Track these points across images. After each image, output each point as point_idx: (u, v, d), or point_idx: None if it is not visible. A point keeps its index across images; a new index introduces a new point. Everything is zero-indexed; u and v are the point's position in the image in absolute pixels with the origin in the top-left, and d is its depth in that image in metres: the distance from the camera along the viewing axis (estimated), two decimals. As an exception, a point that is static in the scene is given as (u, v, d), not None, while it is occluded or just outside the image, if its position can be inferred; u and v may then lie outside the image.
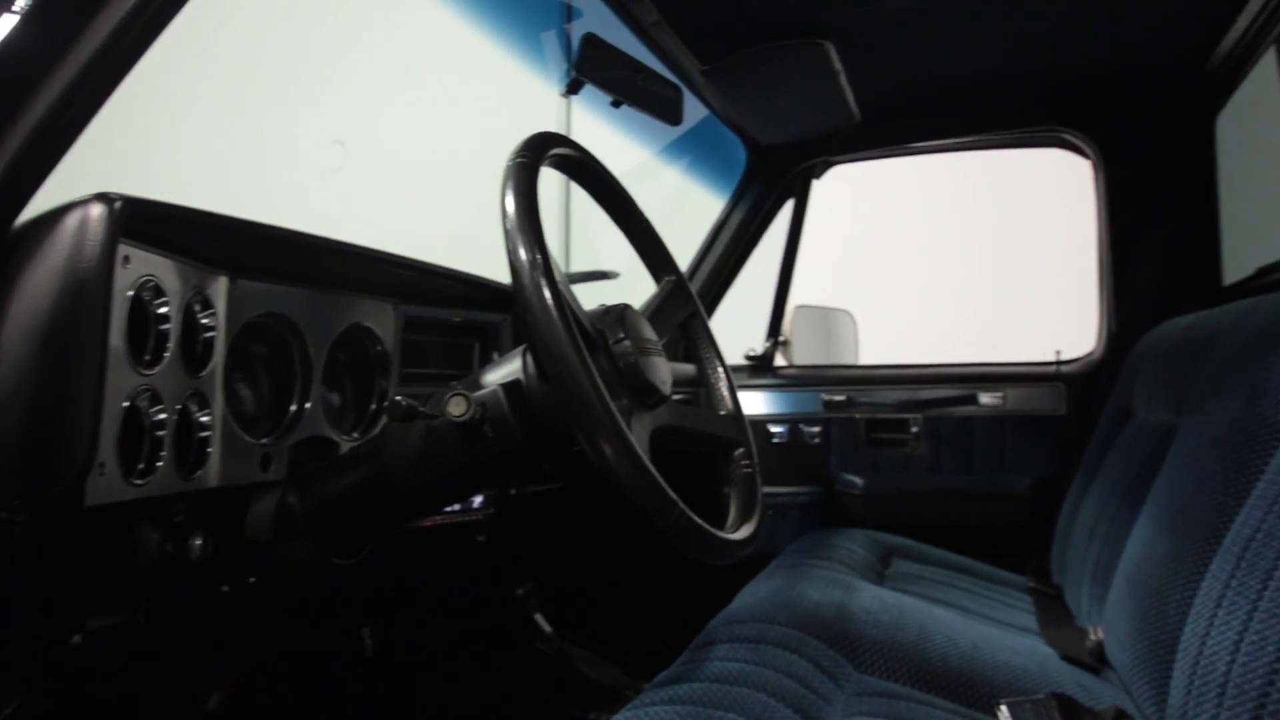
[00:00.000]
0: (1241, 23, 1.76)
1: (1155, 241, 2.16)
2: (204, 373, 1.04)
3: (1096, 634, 1.39)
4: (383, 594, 1.52)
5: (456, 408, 0.98)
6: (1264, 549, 0.88)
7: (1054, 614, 1.64)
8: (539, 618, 1.89)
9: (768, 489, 2.29)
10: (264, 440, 1.14)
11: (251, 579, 1.11)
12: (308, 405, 1.20)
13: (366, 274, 1.29)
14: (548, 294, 0.87)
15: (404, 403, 1.01)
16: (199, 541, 1.04)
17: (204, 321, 1.05)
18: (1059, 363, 2.26)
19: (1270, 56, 1.81)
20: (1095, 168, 2.23)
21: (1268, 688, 0.77)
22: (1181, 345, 1.52)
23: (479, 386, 1.03)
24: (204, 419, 1.05)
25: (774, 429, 2.34)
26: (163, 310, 0.97)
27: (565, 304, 0.89)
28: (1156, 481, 1.31)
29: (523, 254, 0.88)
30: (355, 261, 1.23)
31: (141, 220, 0.90)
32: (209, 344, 1.06)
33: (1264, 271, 1.84)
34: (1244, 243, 2.11)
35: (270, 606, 1.17)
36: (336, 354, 1.28)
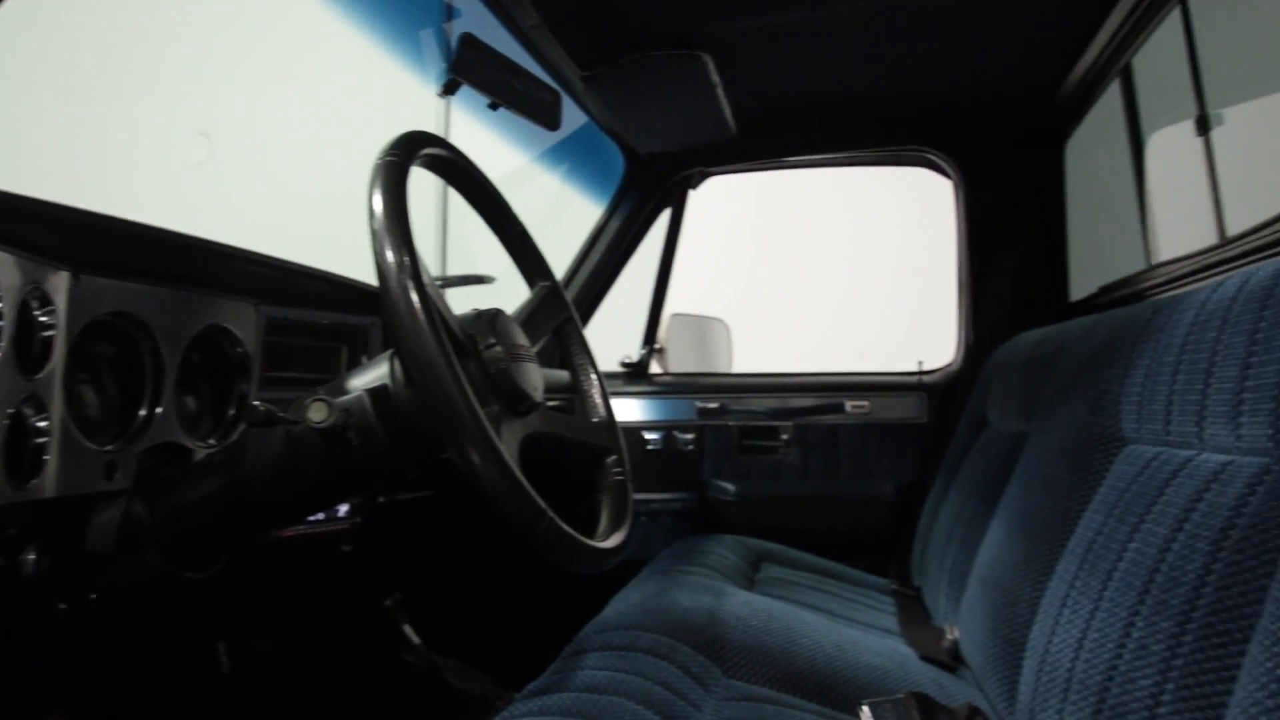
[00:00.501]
0: (1090, 54, 1.87)
1: (1010, 259, 2.28)
2: (40, 374, 0.97)
3: (952, 633, 1.45)
4: (241, 607, 1.45)
5: (318, 414, 0.94)
6: (1105, 551, 0.93)
7: (914, 615, 1.70)
8: (407, 628, 1.84)
9: (641, 496, 2.30)
10: (109, 447, 1.06)
11: (92, 595, 1.04)
12: (159, 410, 1.13)
13: (225, 272, 1.23)
14: (415, 297, 0.84)
15: (262, 408, 0.96)
16: (33, 556, 0.96)
17: (42, 319, 0.98)
18: (921, 373, 2.35)
19: (1115, 87, 1.94)
20: (956, 187, 2.34)
21: (1108, 682, 0.81)
22: (1031, 358, 1.60)
23: (344, 392, 1.00)
24: (40, 424, 0.97)
25: (649, 436, 2.35)
26: None
27: (434, 308, 0.87)
28: (1008, 487, 1.37)
29: (390, 256, 0.85)
30: (212, 259, 1.17)
31: None
32: (47, 343, 0.98)
33: (1105, 290, 1.96)
34: (1089, 262, 2.25)
35: (114, 624, 1.10)
36: (192, 356, 1.21)
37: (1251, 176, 1.56)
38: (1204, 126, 1.55)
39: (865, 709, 1.10)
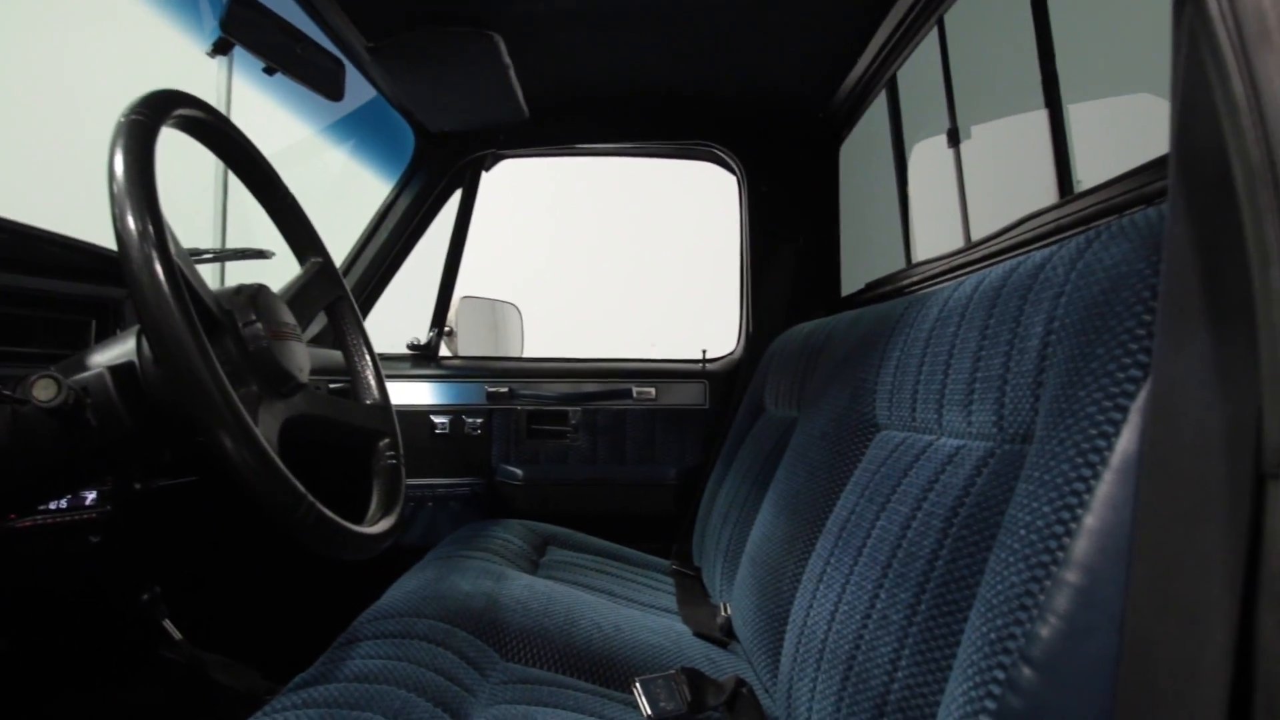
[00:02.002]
0: (861, 64, 2.00)
1: (787, 254, 2.40)
2: None
3: (725, 611, 1.52)
4: None
5: (44, 392, 0.86)
6: (856, 529, 1.00)
7: (692, 594, 1.77)
8: (167, 623, 1.72)
9: (428, 481, 2.26)
10: None
11: None
12: None
13: None
14: (159, 268, 0.78)
15: None
16: None
17: None
18: (704, 361, 2.43)
19: (882, 98, 2.08)
20: (740, 182, 2.44)
21: (855, 650, 0.88)
22: (803, 348, 1.70)
23: (83, 368, 0.91)
24: None
25: (436, 419, 2.31)
26: None
27: (180, 279, 0.81)
28: (778, 470, 1.45)
29: (131, 222, 0.79)
30: None
31: None
32: None
33: (871, 286, 2.11)
34: (860, 259, 2.41)
35: None
36: None
37: (994, 187, 1.71)
38: (955, 139, 1.69)
39: (637, 685, 1.13)
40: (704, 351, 2.45)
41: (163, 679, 1.74)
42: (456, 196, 2.43)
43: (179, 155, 0.97)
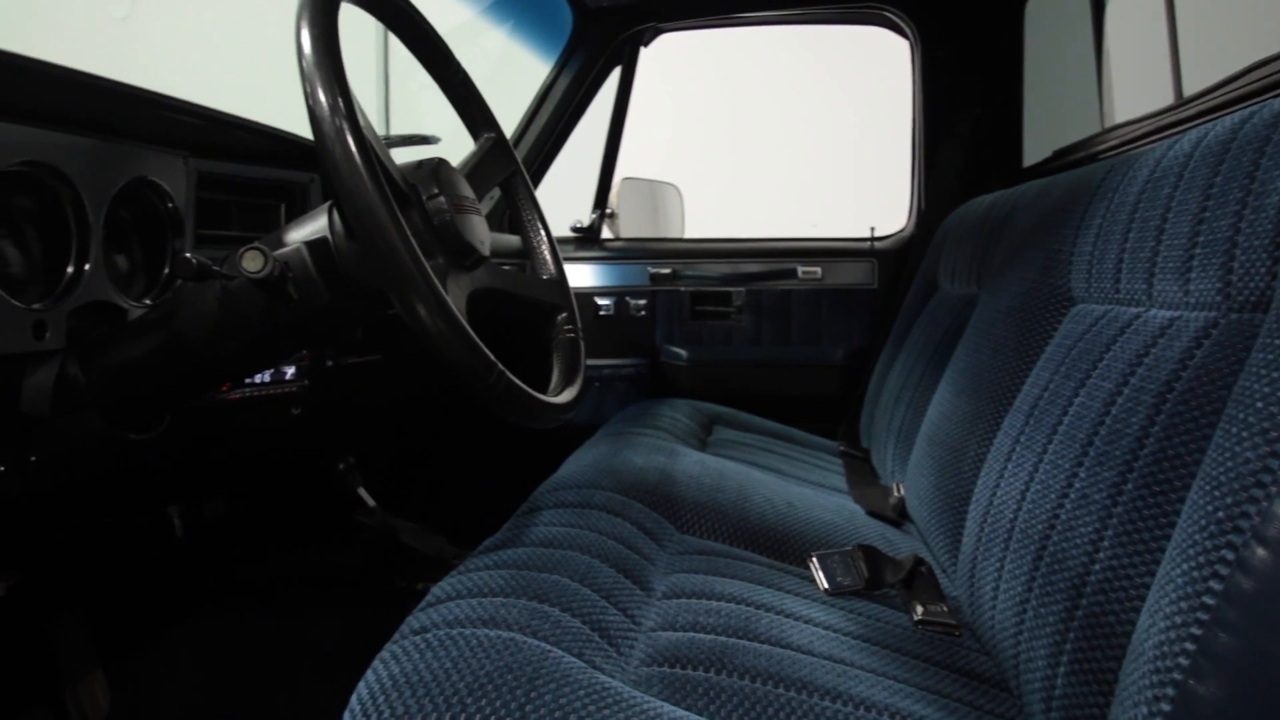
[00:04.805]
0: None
1: (964, 123, 2.25)
2: None
3: (899, 491, 1.50)
4: (189, 470, 1.43)
5: (252, 263, 0.90)
6: (1050, 406, 0.95)
7: (862, 474, 1.75)
8: (362, 491, 1.84)
9: (594, 361, 2.31)
10: (36, 306, 1.01)
11: (32, 457, 1.01)
12: (86, 267, 1.08)
13: (150, 121, 1.15)
14: (351, 141, 0.79)
15: (195, 260, 0.91)
16: None
17: None
18: (873, 239, 2.35)
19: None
20: (913, 47, 2.28)
21: (1049, 531, 0.84)
22: (984, 221, 1.61)
23: (281, 244, 0.95)
24: None
25: (600, 301, 2.34)
26: None
27: (372, 152, 0.82)
28: (957, 349, 1.39)
29: (322, 96, 0.80)
30: (135, 105, 1.09)
31: None
32: None
33: (1059, 154, 1.96)
34: (1043, 128, 2.24)
35: (59, 486, 1.08)
36: (120, 212, 1.14)
37: (1213, 37, 1.54)
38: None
39: (814, 559, 1.14)
40: (872, 229, 2.36)
41: (358, 542, 1.88)
42: (615, 75, 2.40)
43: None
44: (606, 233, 2.46)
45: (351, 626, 1.74)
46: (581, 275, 2.37)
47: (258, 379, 1.34)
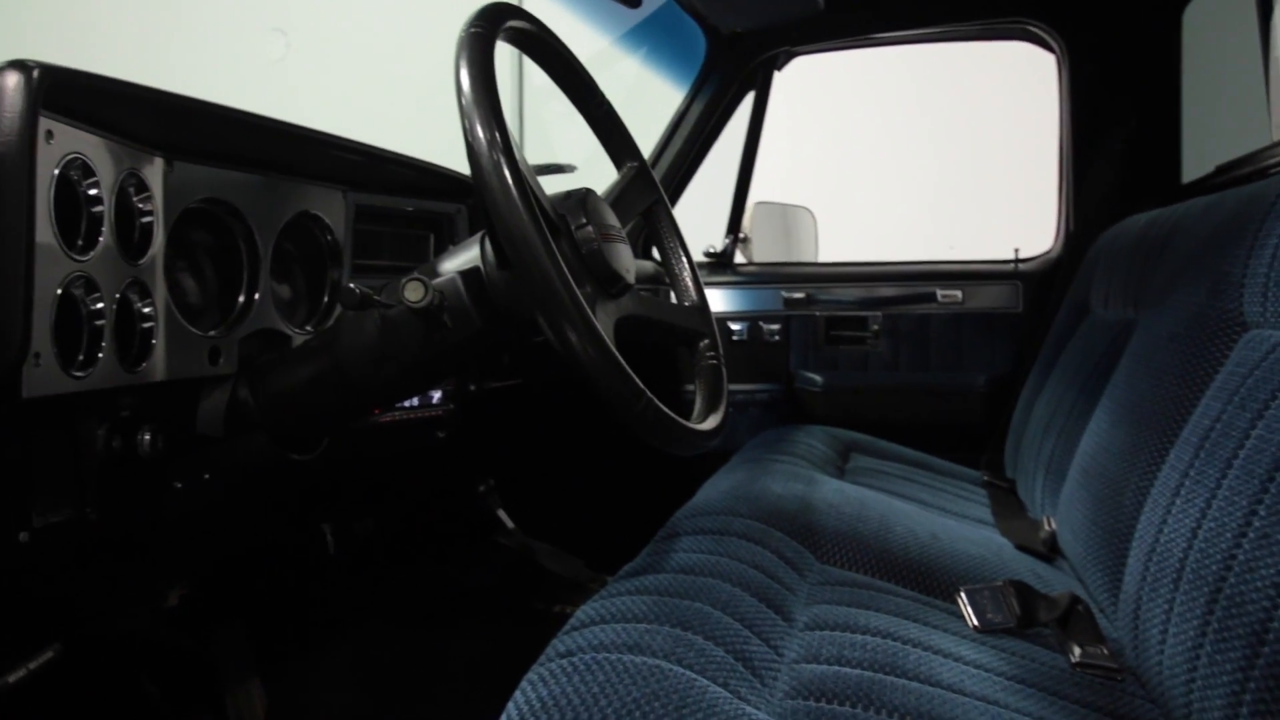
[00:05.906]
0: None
1: (1116, 139, 2.15)
2: (143, 260, 0.99)
3: (1049, 525, 1.43)
4: (342, 490, 1.50)
5: (414, 293, 0.93)
6: (1223, 439, 0.89)
7: (1008, 506, 1.68)
8: (501, 513, 1.89)
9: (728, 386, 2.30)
10: (211, 333, 1.09)
11: (206, 475, 1.08)
12: (256, 296, 1.15)
13: (313, 158, 1.22)
14: (508, 174, 0.82)
15: (357, 290, 0.96)
16: (148, 436, 1.00)
17: (140, 206, 0.99)
18: (1016, 261, 2.27)
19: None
20: (1059, 62, 2.20)
21: (1225, 572, 0.79)
22: (1141, 242, 1.53)
23: (436, 274, 0.99)
24: (146, 309, 0.99)
25: (734, 326, 2.33)
26: (93, 192, 0.91)
27: (527, 185, 0.85)
28: (1113, 377, 1.33)
29: (480, 131, 0.83)
30: (301, 144, 1.16)
31: (64, 92, 0.84)
32: (147, 230, 1.00)
33: (1223, 169, 1.84)
34: (1202, 141, 2.11)
35: (228, 503, 1.15)
36: (284, 244, 1.22)
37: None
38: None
39: (963, 594, 1.09)
40: (1016, 251, 2.27)
41: (497, 562, 1.93)
42: (749, 100, 2.40)
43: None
44: (740, 257, 2.46)
45: (491, 645, 1.77)
46: (715, 300, 2.37)
47: (406, 403, 1.40)
